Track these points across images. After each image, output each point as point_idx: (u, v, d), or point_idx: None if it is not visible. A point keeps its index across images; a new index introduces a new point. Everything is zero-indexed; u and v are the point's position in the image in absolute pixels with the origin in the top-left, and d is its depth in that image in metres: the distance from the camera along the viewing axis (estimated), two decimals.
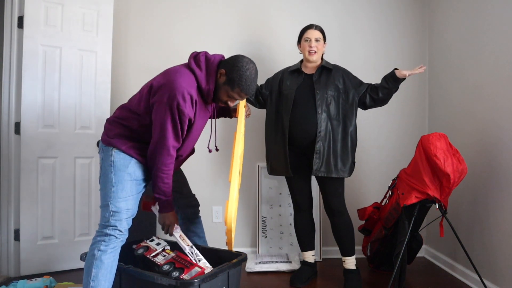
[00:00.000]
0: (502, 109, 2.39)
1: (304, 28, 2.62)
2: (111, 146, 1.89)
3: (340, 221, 2.59)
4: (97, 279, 1.76)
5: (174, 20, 3.22)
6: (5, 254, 2.72)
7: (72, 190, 2.85)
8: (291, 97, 2.54)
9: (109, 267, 1.79)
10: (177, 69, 1.90)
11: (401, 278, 2.36)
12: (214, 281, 1.82)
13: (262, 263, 2.90)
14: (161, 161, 1.87)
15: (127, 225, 1.86)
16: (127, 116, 1.93)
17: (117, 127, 1.93)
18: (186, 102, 1.80)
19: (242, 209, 3.25)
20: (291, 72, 2.64)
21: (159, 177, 1.89)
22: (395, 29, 3.32)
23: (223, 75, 1.89)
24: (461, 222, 2.77)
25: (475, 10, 2.67)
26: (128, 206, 1.86)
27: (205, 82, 1.89)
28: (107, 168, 1.88)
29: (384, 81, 2.52)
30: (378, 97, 2.55)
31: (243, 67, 1.86)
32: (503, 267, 2.35)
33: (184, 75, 1.85)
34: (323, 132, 2.48)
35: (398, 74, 2.46)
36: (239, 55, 1.92)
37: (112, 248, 1.81)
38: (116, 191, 1.84)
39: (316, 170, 2.48)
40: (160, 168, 1.88)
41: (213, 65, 1.91)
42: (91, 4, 2.87)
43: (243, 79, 1.86)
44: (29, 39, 2.68)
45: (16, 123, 2.72)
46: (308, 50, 2.55)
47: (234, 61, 1.88)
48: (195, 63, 1.91)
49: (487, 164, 2.52)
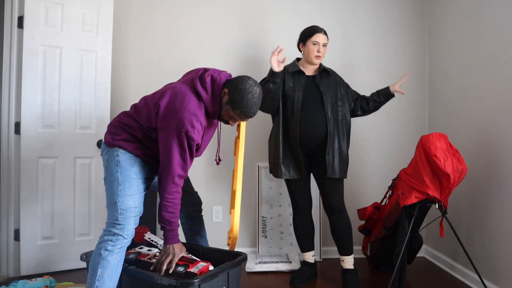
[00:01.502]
0: (502, 109, 2.39)
1: (311, 30, 2.57)
2: (115, 147, 1.90)
3: (339, 219, 2.59)
4: (103, 279, 1.76)
5: (174, 20, 3.22)
6: (5, 254, 2.72)
7: (72, 190, 2.85)
8: (299, 99, 2.52)
9: (115, 267, 1.79)
10: (183, 92, 1.85)
11: (401, 278, 2.36)
12: (214, 281, 1.82)
13: (262, 263, 2.90)
14: (165, 188, 1.85)
15: (134, 224, 1.85)
16: (132, 124, 1.92)
17: (123, 133, 1.92)
18: (195, 129, 1.80)
19: (242, 209, 3.25)
20: (291, 73, 2.62)
21: (163, 205, 1.86)
22: (396, 29, 3.32)
23: (226, 94, 1.87)
24: (461, 222, 2.77)
25: (475, 10, 2.67)
26: (136, 204, 1.86)
27: (211, 104, 1.88)
28: (113, 167, 1.88)
29: (377, 95, 2.64)
30: (368, 108, 2.66)
31: (246, 89, 1.83)
32: (503, 267, 2.35)
33: (191, 101, 1.82)
34: (332, 133, 2.50)
35: (391, 89, 2.60)
36: (245, 76, 1.89)
37: (119, 248, 1.80)
38: (123, 189, 1.84)
39: (332, 172, 2.50)
40: (164, 196, 1.85)
41: (218, 87, 1.89)
42: (91, 4, 2.87)
43: (244, 102, 1.82)
44: (29, 39, 2.68)
45: (16, 123, 2.72)
46: (316, 55, 2.54)
47: (238, 82, 1.85)
48: (201, 85, 1.88)
49: (487, 164, 2.52)
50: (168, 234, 1.90)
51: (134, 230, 1.86)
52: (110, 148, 1.91)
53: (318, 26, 2.59)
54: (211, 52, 3.22)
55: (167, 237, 1.90)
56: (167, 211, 1.86)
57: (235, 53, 3.23)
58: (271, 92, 2.47)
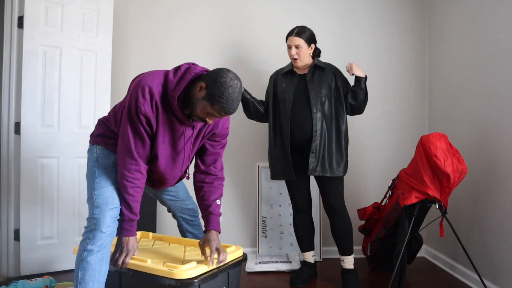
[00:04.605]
0: (502, 110, 2.39)
1: (287, 34, 2.57)
2: (95, 144, 1.91)
3: (339, 219, 2.59)
4: (84, 281, 1.67)
5: (174, 19, 3.22)
6: (5, 254, 2.72)
7: (72, 190, 2.85)
8: (290, 100, 2.53)
9: (97, 267, 1.69)
10: (155, 70, 1.80)
11: (401, 278, 2.36)
12: (214, 281, 1.81)
13: (262, 263, 2.90)
14: (124, 164, 1.75)
15: (111, 218, 1.74)
16: (110, 120, 1.91)
17: (102, 128, 1.93)
18: (146, 100, 1.68)
19: (242, 209, 3.25)
20: (284, 74, 2.63)
21: (123, 185, 1.75)
22: (396, 29, 3.32)
23: (203, 89, 1.67)
24: (461, 222, 2.77)
25: (475, 9, 2.67)
26: (113, 195, 1.77)
27: (173, 87, 1.71)
28: (91, 164, 1.88)
29: (353, 86, 2.56)
30: (355, 103, 2.55)
31: (226, 83, 1.64)
32: (503, 267, 2.35)
33: (155, 75, 1.74)
34: (318, 131, 2.48)
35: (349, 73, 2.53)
36: (224, 69, 1.69)
37: (98, 246, 1.69)
38: (100, 181, 1.80)
39: (312, 170, 2.48)
40: (123, 174, 1.75)
41: (189, 75, 1.72)
42: (91, 4, 2.87)
43: (225, 97, 1.63)
44: (29, 39, 2.68)
45: (16, 123, 2.72)
46: (292, 58, 2.54)
47: (216, 75, 1.66)
48: (174, 70, 1.77)
49: (487, 164, 2.52)
50: (125, 224, 1.77)
51: (114, 224, 1.75)
52: (91, 145, 1.94)
53: (293, 29, 2.56)
54: (211, 51, 3.22)
55: (124, 228, 1.77)
56: (127, 192, 1.75)
57: (232, 52, 3.23)
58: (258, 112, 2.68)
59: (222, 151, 2.05)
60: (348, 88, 2.58)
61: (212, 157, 2.01)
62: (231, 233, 3.22)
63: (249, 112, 2.71)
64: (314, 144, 2.47)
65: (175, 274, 1.68)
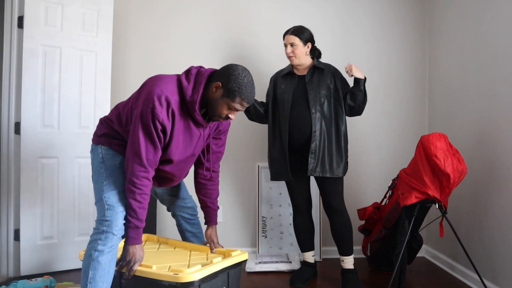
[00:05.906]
0: (501, 110, 2.39)
1: (284, 33, 2.60)
2: (100, 144, 1.90)
3: (339, 220, 2.59)
4: (95, 281, 1.71)
5: (174, 19, 3.22)
6: (5, 254, 2.72)
7: (72, 190, 2.85)
8: (289, 100, 2.54)
9: (107, 267, 1.73)
10: (162, 76, 1.81)
11: (401, 278, 2.36)
12: (214, 281, 1.82)
13: (262, 263, 2.90)
14: (132, 171, 1.74)
15: (122, 220, 1.78)
16: (114, 119, 1.90)
17: (105, 127, 1.92)
18: (163, 107, 1.70)
19: (242, 209, 3.25)
20: (284, 76, 2.63)
21: (131, 191, 1.75)
22: (396, 29, 3.32)
23: (220, 88, 1.76)
24: (461, 222, 2.77)
25: (474, 9, 2.67)
26: (123, 199, 1.80)
27: (191, 92, 1.76)
28: (97, 165, 1.87)
29: (352, 87, 2.55)
30: (354, 104, 2.54)
31: (240, 75, 1.74)
32: (503, 267, 2.35)
33: (168, 82, 1.76)
34: (318, 131, 2.48)
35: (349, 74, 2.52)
36: (231, 65, 1.80)
37: (109, 247, 1.74)
38: (109, 184, 1.80)
39: (311, 170, 2.48)
40: (131, 180, 1.74)
41: (202, 77, 1.78)
42: (91, 4, 2.87)
43: (243, 87, 1.74)
44: (29, 39, 2.68)
45: (16, 123, 2.72)
46: (288, 56, 2.55)
47: (228, 71, 1.76)
48: (185, 75, 1.80)
49: (487, 164, 2.52)
50: (131, 232, 1.77)
51: (123, 226, 1.79)
52: (94, 146, 1.92)
53: (290, 28, 2.59)
54: (209, 53, 3.22)
55: (130, 236, 1.78)
56: (135, 199, 1.74)
57: (236, 52, 3.24)
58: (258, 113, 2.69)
59: (223, 149, 2.14)
60: (347, 89, 2.58)
61: (215, 155, 2.10)
62: (231, 233, 3.22)
63: (250, 114, 2.72)
64: (314, 145, 2.47)
65: (180, 278, 1.70)
